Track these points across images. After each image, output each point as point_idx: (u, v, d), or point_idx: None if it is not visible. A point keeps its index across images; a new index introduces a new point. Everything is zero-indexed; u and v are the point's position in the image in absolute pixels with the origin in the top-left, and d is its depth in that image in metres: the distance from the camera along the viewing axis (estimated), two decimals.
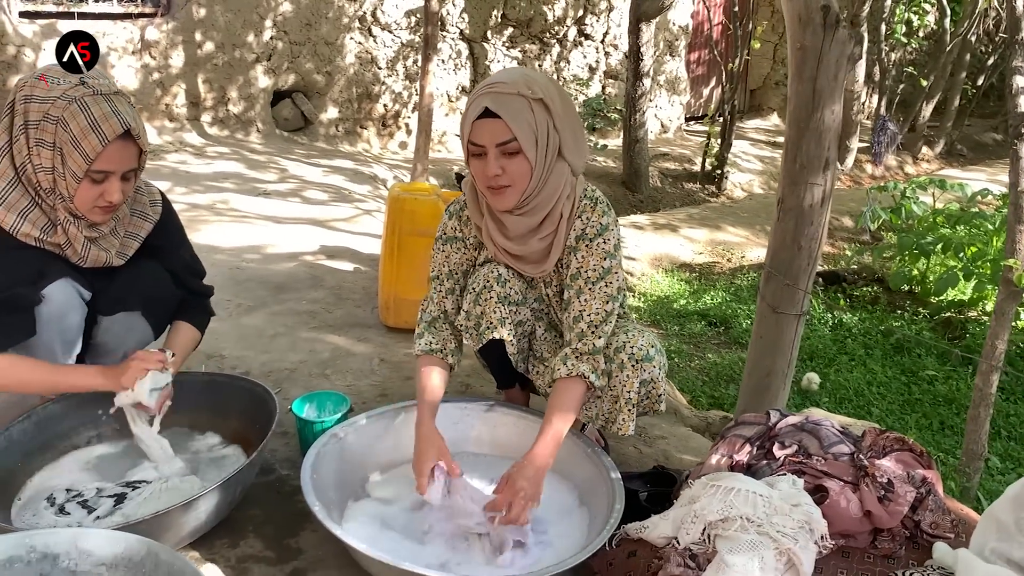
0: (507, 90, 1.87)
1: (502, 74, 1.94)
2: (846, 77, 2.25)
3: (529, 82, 1.90)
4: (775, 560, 1.61)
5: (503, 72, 1.97)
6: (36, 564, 1.61)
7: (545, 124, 1.91)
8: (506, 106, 1.86)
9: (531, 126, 1.89)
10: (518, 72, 1.95)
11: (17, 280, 1.93)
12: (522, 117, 1.88)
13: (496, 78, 1.92)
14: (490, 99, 1.86)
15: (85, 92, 1.85)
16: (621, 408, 2.01)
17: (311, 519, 1.97)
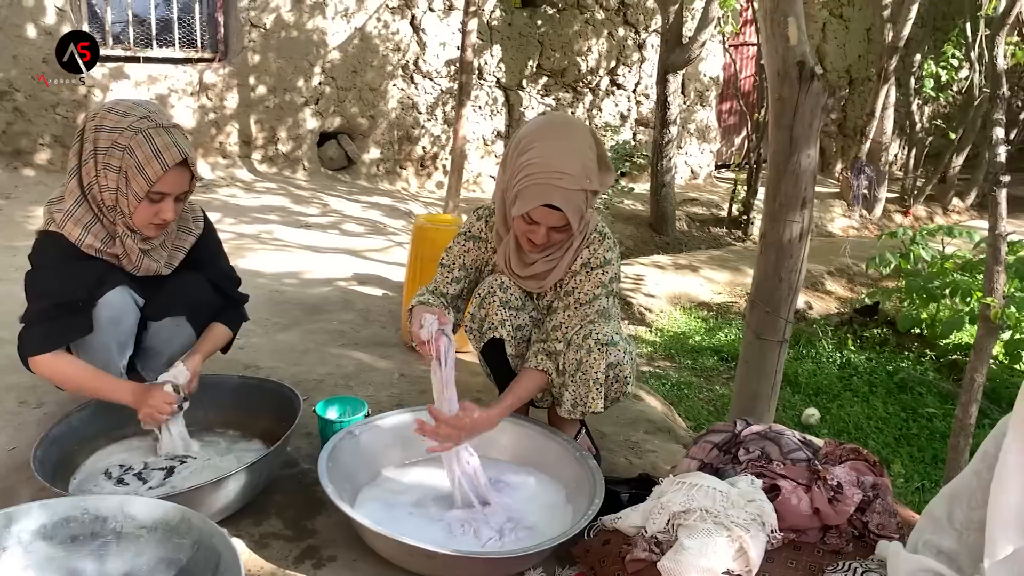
0: (571, 185, 2.07)
1: (565, 159, 2.07)
2: (821, 125, 2.46)
3: (587, 171, 2.11)
4: (727, 546, 1.80)
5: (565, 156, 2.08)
6: (88, 524, 1.86)
7: (590, 201, 2.17)
8: (569, 202, 2.09)
9: (581, 211, 2.15)
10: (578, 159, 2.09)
11: (79, 286, 2.22)
12: (578, 206, 2.12)
13: (560, 166, 2.06)
14: (559, 196, 2.06)
15: (149, 124, 2.13)
16: (590, 388, 2.23)
17: (327, 506, 2.21)
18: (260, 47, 6.81)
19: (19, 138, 5.75)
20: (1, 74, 5.61)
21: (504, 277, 2.34)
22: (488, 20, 7.99)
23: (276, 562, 2.02)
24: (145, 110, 2.16)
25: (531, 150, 2.11)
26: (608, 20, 8.85)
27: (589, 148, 2.15)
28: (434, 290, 2.40)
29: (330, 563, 2.03)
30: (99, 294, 2.24)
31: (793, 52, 2.41)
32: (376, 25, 7.36)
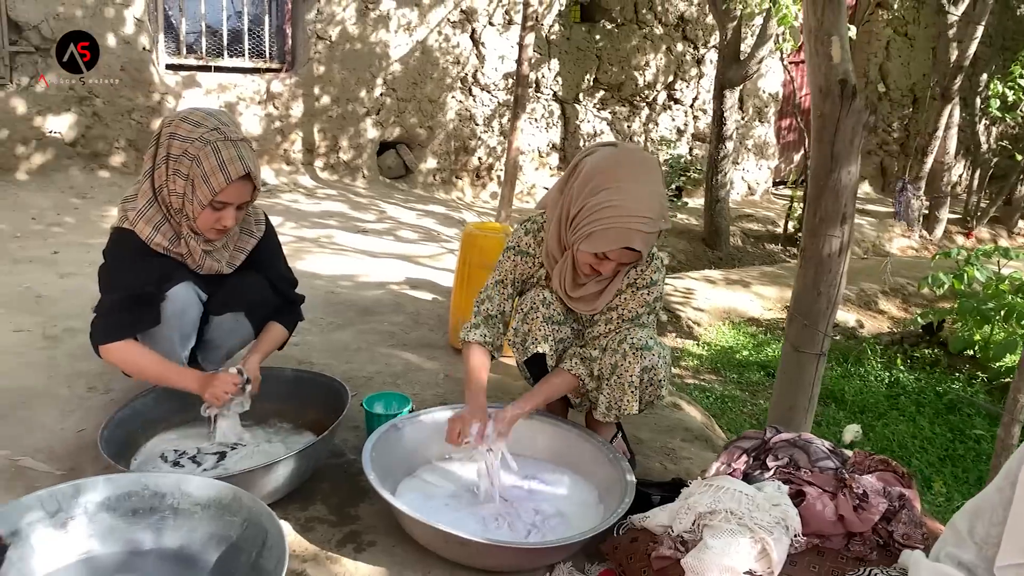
0: (651, 229, 2.13)
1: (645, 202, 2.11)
2: (862, 143, 2.49)
3: (663, 211, 2.18)
4: (750, 547, 1.85)
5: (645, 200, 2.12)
6: (148, 499, 1.99)
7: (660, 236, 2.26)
8: (647, 244, 2.17)
9: (651, 245, 2.23)
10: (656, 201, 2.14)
11: (148, 280, 2.37)
12: (651, 244, 2.21)
13: (641, 211, 2.10)
14: (639, 240, 2.12)
15: (218, 137, 2.26)
16: (625, 391, 2.29)
17: (369, 495, 2.32)
18: (325, 58, 7.03)
19: (96, 141, 6.05)
20: (83, 81, 5.90)
21: (547, 292, 2.41)
22: (547, 35, 8.11)
23: (319, 544, 2.13)
24: (217, 121, 2.29)
25: (607, 190, 2.12)
26: (667, 35, 8.89)
27: (661, 185, 2.20)
28: (492, 315, 2.45)
29: (370, 548, 2.13)
30: (166, 288, 2.39)
31: (836, 70, 2.45)
32: (437, 39, 7.54)
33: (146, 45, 6.16)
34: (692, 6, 8.90)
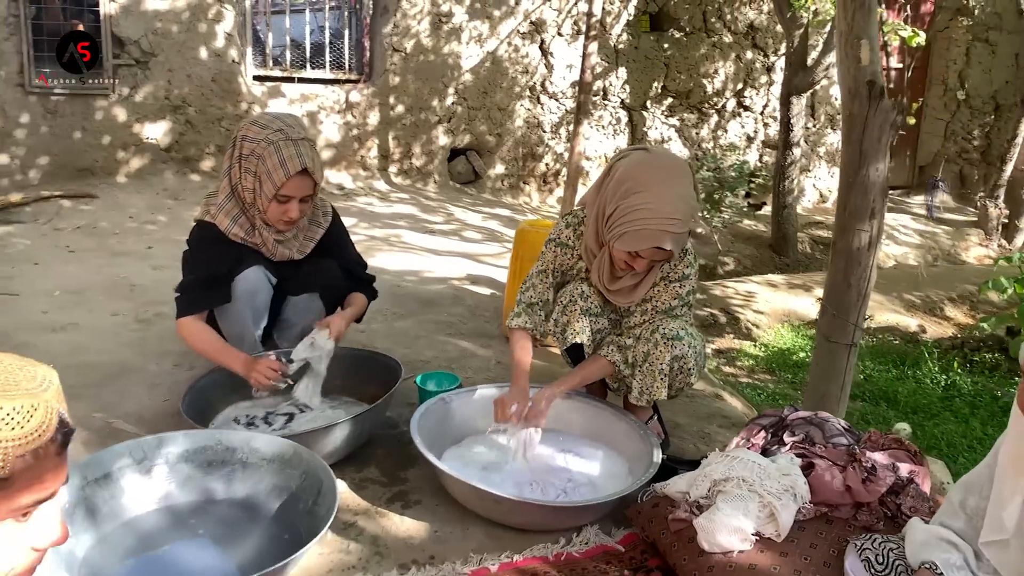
0: (681, 229, 2.29)
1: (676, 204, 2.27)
2: (889, 141, 2.59)
3: (693, 211, 2.34)
4: (758, 511, 1.99)
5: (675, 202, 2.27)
6: (221, 453, 2.25)
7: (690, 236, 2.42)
8: (678, 242, 2.33)
9: (682, 244, 2.39)
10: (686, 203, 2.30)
11: (222, 264, 2.65)
12: (681, 244, 2.37)
13: (672, 212, 2.26)
14: (670, 240, 2.28)
15: (280, 137, 2.52)
16: (656, 377, 2.44)
17: (418, 462, 2.53)
18: (400, 69, 7.35)
19: (189, 147, 6.49)
20: (177, 91, 6.35)
21: (584, 286, 2.59)
22: (615, 44, 8.26)
23: (370, 501, 2.35)
24: (281, 123, 2.55)
25: (638, 193, 2.28)
26: (736, 44, 8.94)
27: (691, 187, 2.35)
28: (534, 303, 2.64)
29: (415, 506, 2.35)
30: (238, 272, 2.67)
31: (864, 72, 2.56)
32: (507, 49, 7.78)
33: (235, 58, 6.57)
34: (762, 15, 8.92)
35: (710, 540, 1.97)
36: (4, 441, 0.94)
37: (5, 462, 0.95)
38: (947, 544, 1.79)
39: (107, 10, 6.00)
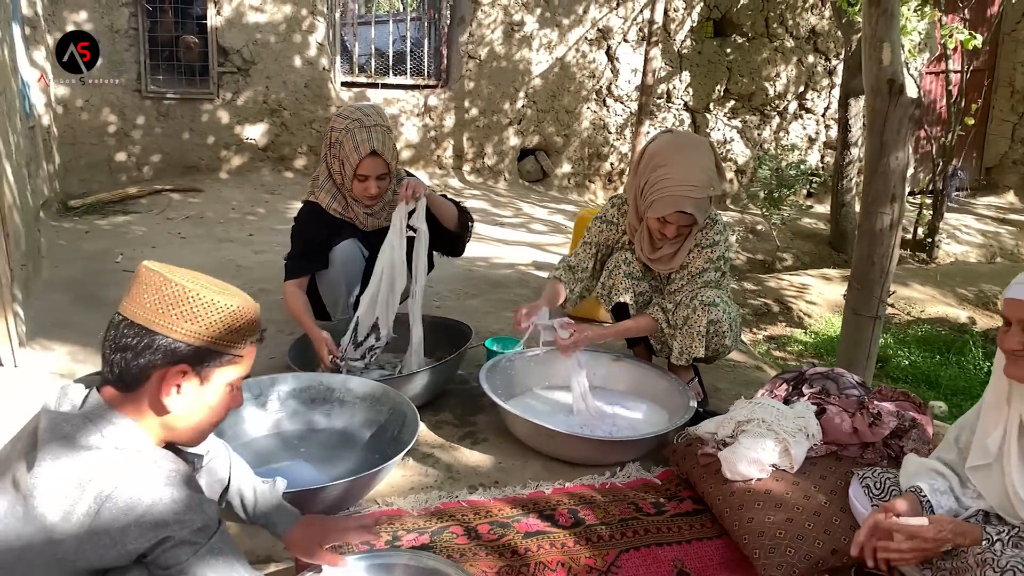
0: (699, 195, 2.61)
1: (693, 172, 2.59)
2: (908, 134, 2.84)
3: (711, 180, 2.64)
4: (774, 446, 2.29)
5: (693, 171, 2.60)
6: (322, 392, 2.64)
7: (712, 203, 2.73)
8: (698, 208, 2.65)
9: (706, 211, 2.71)
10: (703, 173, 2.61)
11: (321, 236, 3.06)
12: (704, 209, 2.69)
13: (689, 178, 2.59)
14: (690, 205, 2.60)
15: (356, 126, 2.90)
16: (694, 338, 2.74)
17: (486, 409, 2.90)
18: (475, 75, 7.76)
19: (283, 147, 7.02)
20: (273, 96, 6.88)
21: (628, 254, 2.92)
22: (679, 49, 8.51)
23: (445, 438, 2.73)
24: (360, 113, 2.95)
25: (664, 166, 2.62)
26: (798, 48, 9.07)
27: (710, 160, 2.66)
28: (572, 266, 2.99)
29: (483, 443, 2.71)
30: (335, 242, 3.08)
31: (885, 71, 2.82)
32: (575, 55, 8.11)
33: (325, 65, 7.08)
34: (823, 20, 9.04)
35: (732, 470, 2.28)
36: (241, 329, 1.34)
37: (244, 344, 1.35)
38: (934, 473, 2.06)
39: (213, 23, 6.57)
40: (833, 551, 2.11)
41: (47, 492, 1.14)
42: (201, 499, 1.24)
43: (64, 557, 1.14)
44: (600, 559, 2.15)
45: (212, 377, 1.36)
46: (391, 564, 1.88)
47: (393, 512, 2.28)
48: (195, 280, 1.35)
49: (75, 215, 5.65)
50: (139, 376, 1.29)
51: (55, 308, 3.76)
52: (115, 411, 1.28)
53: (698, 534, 2.29)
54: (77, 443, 1.20)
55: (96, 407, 1.27)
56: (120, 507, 1.14)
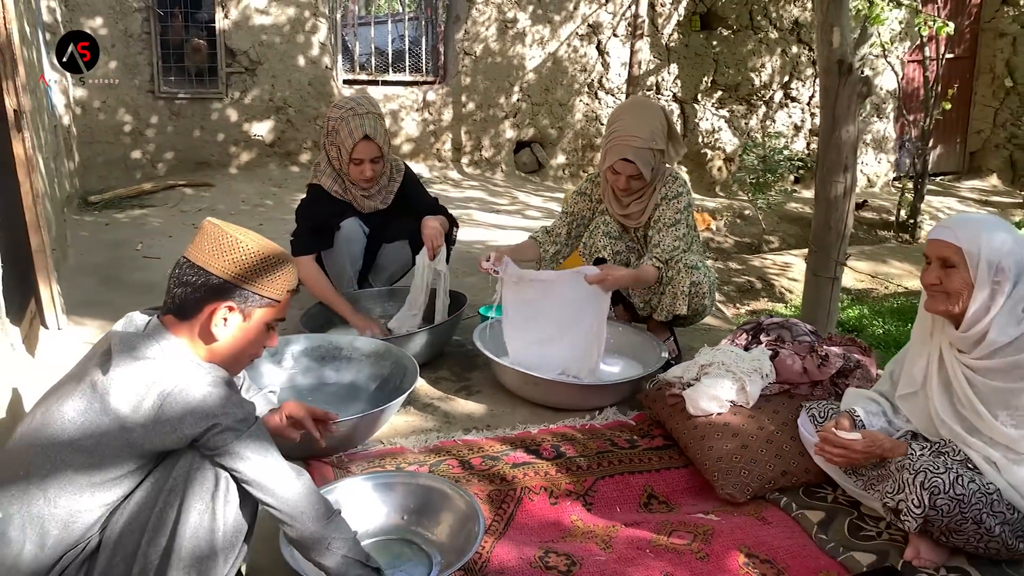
0: (641, 145, 2.91)
1: (637, 126, 2.91)
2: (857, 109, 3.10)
3: (654, 135, 2.94)
4: (731, 385, 2.55)
5: (638, 125, 2.92)
6: (331, 351, 2.91)
7: (659, 160, 3.00)
8: (641, 157, 2.93)
9: (650, 165, 2.99)
10: (647, 127, 2.92)
11: (325, 216, 3.32)
12: (647, 160, 2.96)
13: (633, 131, 2.91)
14: (631, 152, 2.91)
15: (349, 114, 3.16)
16: (677, 297, 3.00)
17: (480, 366, 3.17)
18: (471, 71, 8.02)
19: (289, 143, 7.29)
20: (279, 94, 7.16)
21: (607, 216, 3.20)
22: (667, 42, 8.76)
23: (443, 391, 3.00)
24: (353, 103, 3.21)
25: (615, 123, 2.98)
26: (782, 39, 9.31)
27: (659, 122, 2.95)
28: (548, 230, 3.29)
29: (477, 394, 2.99)
30: (337, 222, 3.35)
31: (835, 53, 3.08)
32: (567, 50, 8.37)
33: (328, 64, 7.35)
34: (806, 11, 9.28)
35: (695, 406, 2.54)
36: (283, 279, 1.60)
37: (281, 292, 1.62)
38: (869, 400, 2.33)
39: (221, 26, 6.84)
40: (783, 473, 2.38)
41: (120, 391, 1.41)
42: (241, 398, 1.51)
43: (134, 442, 1.40)
44: (578, 484, 2.42)
45: (254, 315, 1.63)
46: (392, 483, 2.16)
47: (396, 450, 2.55)
48: (247, 235, 1.62)
49: (95, 210, 5.93)
50: (195, 307, 1.56)
51: (84, 289, 4.03)
52: (171, 333, 1.55)
53: (666, 464, 2.56)
54: (143, 354, 1.47)
55: (156, 329, 1.54)
56: (178, 402, 1.41)
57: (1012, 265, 1.95)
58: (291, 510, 1.51)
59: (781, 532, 2.19)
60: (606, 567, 2.01)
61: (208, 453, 1.44)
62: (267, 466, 1.47)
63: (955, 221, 2.07)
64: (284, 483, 1.48)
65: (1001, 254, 1.95)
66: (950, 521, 1.94)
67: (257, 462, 1.46)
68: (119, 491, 1.42)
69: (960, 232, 1.99)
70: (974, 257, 1.97)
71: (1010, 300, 1.99)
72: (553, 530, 2.22)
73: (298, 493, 1.51)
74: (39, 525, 1.38)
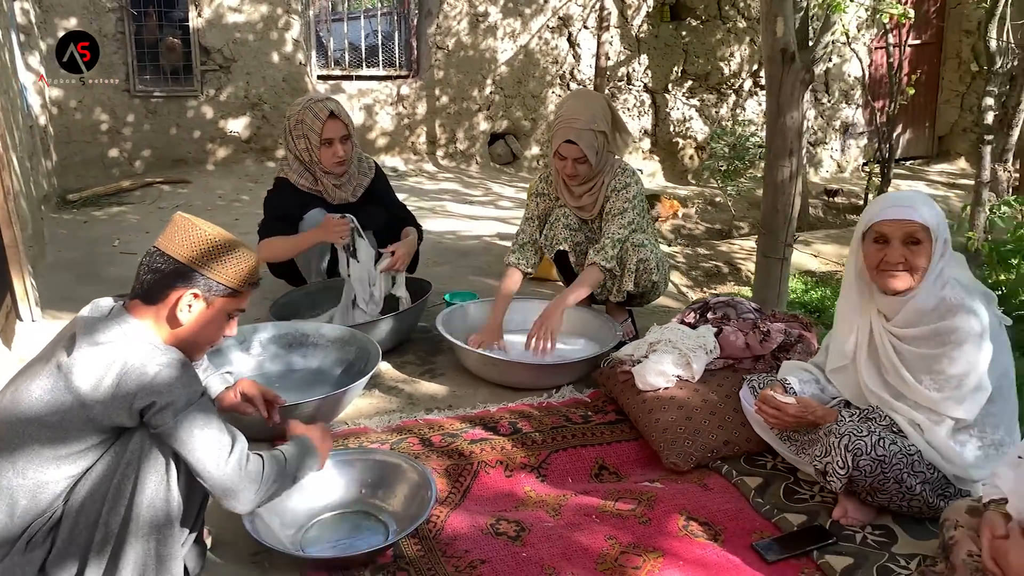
0: (582, 127, 3.02)
1: (579, 110, 3.04)
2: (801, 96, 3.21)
3: (595, 117, 3.05)
4: (677, 360, 2.67)
5: (580, 108, 3.05)
6: (298, 337, 3.00)
7: (603, 143, 3.10)
8: (582, 138, 3.03)
9: (594, 147, 3.09)
10: (588, 111, 3.03)
11: (292, 207, 3.40)
12: (590, 143, 3.07)
13: (575, 113, 3.03)
14: (573, 133, 3.02)
15: (309, 103, 3.28)
16: (624, 274, 3.12)
17: (445, 352, 3.27)
18: (444, 65, 8.09)
19: (264, 138, 7.35)
20: (254, 91, 7.21)
21: (565, 209, 3.30)
22: (636, 33, 8.85)
23: (407, 374, 3.10)
24: (310, 98, 3.32)
25: (559, 110, 3.11)
26: (750, 28, 9.42)
27: (601, 108, 3.07)
28: (525, 243, 3.32)
29: (440, 377, 3.09)
30: (302, 213, 3.43)
31: (779, 42, 3.19)
32: (538, 43, 8.45)
33: (302, 60, 7.40)
34: None
35: (643, 381, 2.66)
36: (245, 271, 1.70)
37: (243, 283, 1.71)
38: (803, 370, 2.45)
39: (195, 24, 6.88)
40: (725, 442, 2.50)
41: (82, 371, 1.51)
42: (191, 379, 1.60)
43: (94, 418, 1.50)
44: (533, 458, 2.53)
45: (216, 304, 1.72)
46: (351, 460, 2.26)
47: (360, 430, 2.65)
48: (209, 225, 1.72)
49: (73, 208, 5.98)
50: (161, 292, 1.65)
51: (61, 285, 4.10)
52: (135, 317, 1.64)
53: (617, 437, 2.68)
54: (105, 337, 1.56)
55: (119, 313, 1.63)
56: (133, 379, 1.51)
57: (945, 236, 2.10)
58: (220, 490, 1.60)
59: (720, 497, 2.31)
60: (553, 532, 2.12)
61: (152, 431, 1.54)
62: (200, 447, 1.55)
63: (906, 198, 2.16)
64: (215, 464, 1.57)
65: (943, 226, 2.10)
66: (873, 481, 2.06)
67: (190, 444, 1.55)
68: (82, 464, 1.52)
69: (922, 210, 2.10)
70: (934, 232, 2.09)
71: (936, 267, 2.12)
72: (507, 500, 2.34)
73: (226, 475, 1.59)
74: (8, 495, 1.48)
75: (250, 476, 1.61)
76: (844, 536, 2.11)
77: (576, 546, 2.06)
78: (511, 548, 2.05)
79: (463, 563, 2.00)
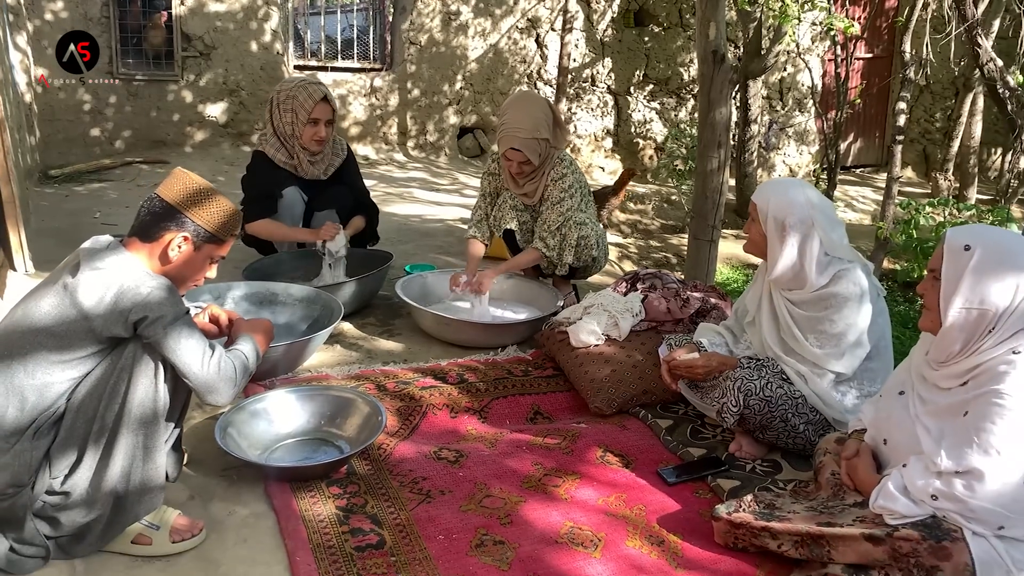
0: (526, 135, 3.28)
1: (523, 119, 3.28)
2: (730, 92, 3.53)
3: (538, 125, 3.30)
4: (607, 321, 2.97)
5: (523, 118, 3.28)
6: (268, 296, 3.25)
7: (545, 147, 3.37)
8: (527, 146, 3.30)
9: (537, 152, 3.36)
10: (531, 120, 3.28)
11: (270, 184, 3.66)
12: (533, 148, 3.34)
13: (519, 123, 3.28)
14: (519, 143, 3.28)
15: (303, 83, 3.54)
16: (565, 249, 3.41)
17: (403, 316, 3.55)
18: (416, 59, 8.35)
19: (242, 123, 7.55)
20: (232, 78, 7.42)
21: (512, 193, 3.59)
22: (601, 37, 9.18)
23: (368, 334, 3.37)
24: (301, 79, 3.58)
25: (504, 115, 3.35)
26: None
27: (543, 113, 3.33)
28: (480, 219, 3.63)
29: (397, 336, 3.37)
30: (279, 191, 3.69)
31: (711, 44, 3.50)
32: (507, 42, 8.74)
33: (280, 50, 7.62)
34: (731, 11, 9.77)
35: (576, 339, 2.96)
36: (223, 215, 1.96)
37: (223, 228, 1.97)
38: (713, 331, 2.77)
39: (178, 12, 7.07)
40: (644, 391, 2.81)
41: (85, 290, 1.77)
42: (176, 299, 1.87)
43: (94, 329, 1.76)
44: (476, 403, 2.82)
45: (202, 248, 1.98)
46: (311, 395, 2.54)
47: (322, 376, 2.92)
48: (203, 181, 1.98)
49: (55, 183, 6.15)
50: (154, 231, 1.91)
51: (46, 249, 4.29)
52: (129, 251, 1.90)
53: (553, 388, 2.97)
54: (104, 263, 1.82)
55: (115, 246, 1.89)
56: (128, 297, 1.77)
57: (796, 223, 2.37)
58: (203, 387, 1.88)
59: (635, 435, 2.62)
60: (488, 459, 2.41)
61: (145, 340, 1.80)
62: (186, 353, 1.82)
63: (770, 184, 2.50)
64: (198, 367, 1.84)
65: (785, 212, 2.37)
66: (761, 419, 2.38)
67: (177, 351, 1.81)
68: (83, 368, 1.78)
69: (761, 191, 2.43)
70: (762, 212, 2.41)
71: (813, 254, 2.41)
72: (450, 436, 2.62)
73: (208, 374, 1.86)
74: (20, 393, 1.73)
75: (225, 374, 1.88)
76: (736, 466, 2.43)
77: (506, 469, 2.36)
78: (450, 469, 2.34)
79: (407, 479, 2.28)
